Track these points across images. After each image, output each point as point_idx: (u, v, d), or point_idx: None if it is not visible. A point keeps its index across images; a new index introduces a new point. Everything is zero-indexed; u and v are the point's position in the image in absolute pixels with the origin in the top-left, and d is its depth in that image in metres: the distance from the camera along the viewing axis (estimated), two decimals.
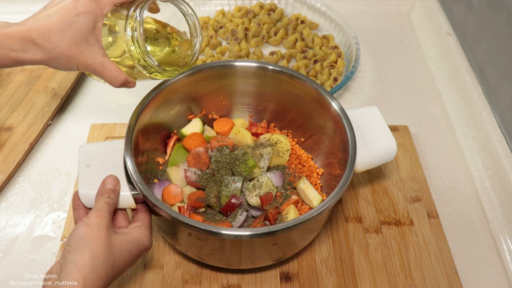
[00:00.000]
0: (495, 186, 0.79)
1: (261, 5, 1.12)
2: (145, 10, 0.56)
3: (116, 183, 0.57)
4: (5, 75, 0.93)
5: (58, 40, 0.53)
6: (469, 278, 0.70)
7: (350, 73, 0.92)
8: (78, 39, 0.54)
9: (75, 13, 0.54)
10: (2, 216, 0.74)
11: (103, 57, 0.56)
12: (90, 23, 0.55)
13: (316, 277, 0.68)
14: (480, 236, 0.75)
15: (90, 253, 0.48)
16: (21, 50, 0.53)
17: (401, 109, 0.95)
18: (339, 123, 0.65)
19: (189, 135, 0.74)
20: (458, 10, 1.03)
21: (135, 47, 0.56)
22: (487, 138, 0.84)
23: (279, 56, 1.00)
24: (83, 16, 0.54)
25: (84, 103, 0.93)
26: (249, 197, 0.67)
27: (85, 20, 0.54)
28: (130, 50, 0.56)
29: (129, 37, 0.56)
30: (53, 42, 0.53)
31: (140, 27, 0.55)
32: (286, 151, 0.74)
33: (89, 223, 0.51)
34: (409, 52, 1.09)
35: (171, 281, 0.67)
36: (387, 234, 0.73)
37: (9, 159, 0.79)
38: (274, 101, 0.76)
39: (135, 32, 0.55)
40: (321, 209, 0.55)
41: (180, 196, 0.68)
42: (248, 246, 0.59)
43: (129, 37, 0.56)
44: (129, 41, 0.56)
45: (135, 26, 0.55)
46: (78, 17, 0.54)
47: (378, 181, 0.80)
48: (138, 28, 0.55)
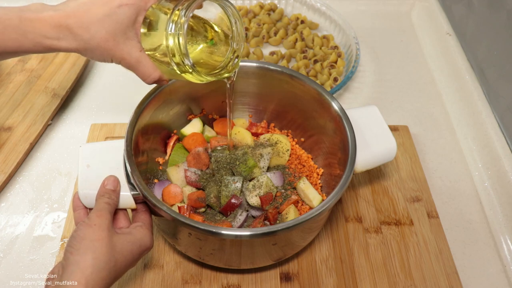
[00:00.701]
0: (495, 186, 0.79)
1: (261, 5, 1.12)
2: (192, 8, 0.52)
3: (116, 183, 0.57)
4: (5, 75, 0.93)
5: (96, 30, 0.50)
6: (469, 278, 0.70)
7: (350, 73, 0.92)
8: (116, 32, 0.51)
9: (118, 4, 0.51)
10: (2, 216, 0.74)
11: (140, 52, 0.54)
12: (131, 16, 0.52)
13: (316, 277, 0.68)
14: (480, 236, 0.75)
15: (92, 254, 0.48)
16: (56, 38, 0.50)
17: (401, 109, 0.95)
18: (339, 123, 0.65)
19: (189, 135, 0.74)
20: (458, 10, 1.03)
21: (174, 44, 0.52)
22: (487, 138, 0.84)
23: (279, 56, 1.00)
24: (125, 8, 0.51)
25: (84, 103, 0.93)
26: (249, 197, 0.67)
27: (127, 13, 0.51)
28: (168, 45, 0.53)
29: (171, 32, 0.52)
30: (90, 31, 0.50)
31: (184, 25, 0.52)
32: (286, 151, 0.74)
33: (90, 223, 0.51)
34: (409, 52, 1.09)
35: (171, 281, 0.67)
36: (387, 234, 0.73)
37: (9, 159, 0.79)
38: (274, 101, 0.76)
39: (178, 29, 0.52)
40: (321, 209, 0.55)
41: (180, 196, 0.68)
42: (248, 246, 0.59)
43: (170, 33, 0.52)
44: (170, 36, 0.52)
45: (179, 22, 0.52)
46: (120, 8, 0.51)
47: (378, 181, 0.80)
48: (182, 26, 0.52)
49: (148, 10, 0.53)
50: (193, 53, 0.60)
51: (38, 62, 0.95)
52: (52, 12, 0.50)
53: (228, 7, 0.57)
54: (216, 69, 0.61)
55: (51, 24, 0.50)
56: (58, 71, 0.94)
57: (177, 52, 0.53)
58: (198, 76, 0.55)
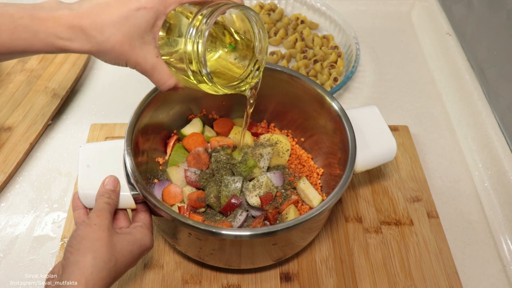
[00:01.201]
0: (495, 186, 0.79)
1: (261, 5, 1.12)
2: (215, 15, 0.49)
3: (116, 183, 0.57)
4: (5, 75, 0.93)
5: (111, 33, 0.48)
6: (469, 278, 0.70)
7: (350, 73, 0.92)
8: (133, 35, 0.49)
9: (136, 7, 0.48)
10: (2, 216, 0.74)
11: (156, 57, 0.51)
12: (150, 20, 0.49)
13: (316, 277, 0.68)
14: (480, 236, 0.75)
15: (92, 254, 0.48)
16: (69, 39, 0.48)
17: (401, 109, 0.95)
18: (339, 123, 0.65)
19: (189, 135, 0.74)
20: (458, 10, 1.03)
21: (192, 51, 0.50)
22: (487, 138, 0.84)
23: (279, 56, 1.00)
24: (144, 11, 0.48)
25: (84, 103, 0.93)
26: (249, 197, 0.67)
27: (145, 16, 0.49)
28: (186, 51, 0.50)
29: (190, 38, 0.49)
30: (105, 34, 0.48)
31: (205, 32, 0.49)
32: (286, 151, 0.74)
33: (90, 223, 0.51)
34: (409, 52, 1.09)
35: (171, 281, 0.67)
36: (387, 234, 0.73)
37: (9, 159, 0.79)
38: (274, 101, 0.76)
39: (198, 36, 0.49)
40: (321, 209, 0.55)
41: (180, 196, 0.68)
42: (248, 246, 0.59)
43: (190, 39, 0.49)
44: (189, 42, 0.49)
45: (201, 29, 0.49)
46: (139, 11, 0.48)
47: (378, 181, 0.80)
48: (203, 34, 0.49)
49: (170, 13, 0.51)
50: (211, 61, 0.57)
51: (38, 62, 0.95)
52: (67, 11, 0.48)
53: (252, 16, 0.54)
54: (234, 81, 0.58)
55: (64, 24, 0.48)
56: (58, 71, 0.94)
57: (194, 60, 0.50)
58: (214, 87, 0.52)
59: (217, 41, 0.57)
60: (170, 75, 0.53)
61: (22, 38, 0.48)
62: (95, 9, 0.48)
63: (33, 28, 0.48)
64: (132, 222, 0.58)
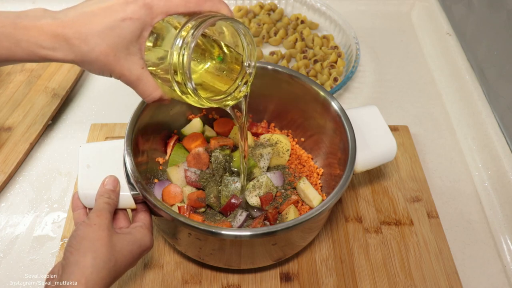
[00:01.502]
0: (495, 186, 0.79)
1: (261, 5, 1.12)
2: (202, 27, 0.48)
3: (116, 183, 0.57)
4: (5, 75, 0.93)
5: (96, 43, 0.47)
6: (469, 278, 0.70)
7: (350, 73, 0.92)
8: (118, 46, 0.48)
9: (122, 17, 0.47)
10: (2, 216, 0.74)
11: (142, 69, 0.50)
12: (135, 31, 0.48)
13: (316, 277, 0.68)
14: (480, 236, 0.75)
15: (92, 254, 0.48)
16: (51, 48, 0.47)
17: (401, 109, 0.95)
18: (339, 123, 0.65)
19: (189, 135, 0.74)
20: (458, 10, 1.03)
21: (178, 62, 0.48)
22: (487, 138, 0.84)
23: (279, 56, 1.00)
24: (129, 22, 0.47)
25: (84, 103, 0.93)
26: (249, 197, 0.67)
27: (131, 27, 0.48)
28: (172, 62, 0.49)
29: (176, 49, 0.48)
30: (89, 44, 0.47)
31: (191, 44, 0.47)
32: (286, 151, 0.74)
33: (90, 223, 0.51)
34: (409, 52, 1.09)
35: (171, 281, 0.67)
36: (387, 234, 0.73)
37: (9, 159, 0.79)
38: (274, 101, 0.76)
39: (184, 48, 0.48)
40: (321, 209, 0.55)
41: (180, 196, 0.68)
42: (248, 246, 0.59)
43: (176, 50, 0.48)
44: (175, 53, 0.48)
45: (187, 40, 0.48)
46: (124, 22, 0.47)
47: (378, 181, 0.80)
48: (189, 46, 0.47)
49: (157, 23, 0.50)
50: (197, 73, 0.56)
51: None
52: (51, 20, 0.47)
53: (240, 28, 0.53)
54: (221, 95, 0.57)
55: (47, 33, 0.47)
56: (58, 71, 0.94)
57: (179, 71, 0.49)
58: (200, 100, 0.51)
59: (205, 53, 0.56)
60: (156, 87, 0.52)
61: (4, 46, 0.47)
62: (80, 19, 0.47)
63: (16, 36, 0.47)
64: (132, 222, 0.58)
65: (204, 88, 0.57)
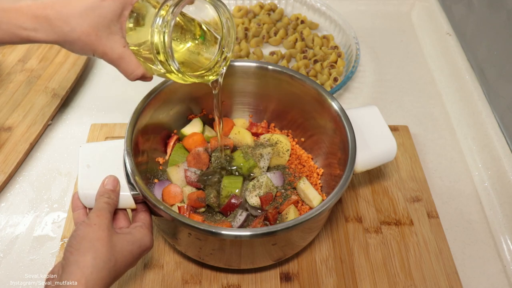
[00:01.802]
0: (495, 186, 0.79)
1: (261, 5, 1.12)
2: (181, 5, 0.50)
3: (116, 183, 0.57)
4: (5, 75, 0.93)
5: (77, 23, 0.48)
6: (469, 278, 0.70)
7: (350, 73, 0.92)
8: (99, 26, 0.49)
9: None
10: (2, 216, 0.74)
11: (123, 47, 0.52)
12: (116, 10, 0.49)
13: (316, 277, 0.68)
14: (480, 236, 0.75)
15: (92, 254, 0.48)
16: (33, 29, 0.48)
17: (401, 109, 0.95)
18: (339, 123, 0.65)
19: (189, 135, 0.74)
20: (458, 10, 1.03)
21: (159, 41, 0.50)
22: (487, 138, 0.84)
23: (279, 56, 1.00)
24: (110, 1, 0.49)
25: (84, 103, 0.93)
26: (249, 197, 0.67)
27: (112, 7, 0.49)
28: (153, 41, 0.50)
29: (157, 28, 0.50)
30: (70, 24, 0.48)
31: (171, 22, 0.49)
32: (286, 151, 0.74)
33: (90, 223, 0.51)
34: (409, 52, 1.09)
35: (171, 281, 0.67)
36: (387, 234, 0.73)
37: (9, 159, 0.79)
38: (274, 101, 0.76)
39: (164, 26, 0.49)
40: (321, 209, 0.55)
41: (180, 196, 0.68)
42: (248, 246, 0.59)
43: (156, 29, 0.50)
44: (156, 32, 0.50)
45: (167, 19, 0.49)
46: (105, 2, 0.49)
47: (378, 181, 0.80)
48: (169, 24, 0.49)
49: (137, 3, 0.51)
50: (179, 52, 0.58)
51: (38, 62, 0.95)
52: (30, 2, 0.48)
53: (219, 6, 0.55)
54: (201, 70, 0.59)
55: (28, 15, 0.48)
56: (58, 71, 0.94)
57: (161, 50, 0.50)
58: (182, 76, 0.53)
59: (186, 33, 0.58)
60: (138, 65, 0.53)
61: None
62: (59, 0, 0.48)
63: None
64: (132, 222, 0.58)
65: (187, 66, 0.58)
